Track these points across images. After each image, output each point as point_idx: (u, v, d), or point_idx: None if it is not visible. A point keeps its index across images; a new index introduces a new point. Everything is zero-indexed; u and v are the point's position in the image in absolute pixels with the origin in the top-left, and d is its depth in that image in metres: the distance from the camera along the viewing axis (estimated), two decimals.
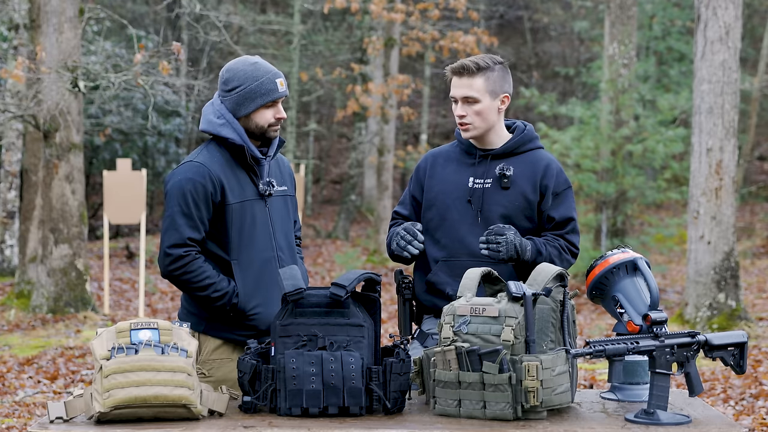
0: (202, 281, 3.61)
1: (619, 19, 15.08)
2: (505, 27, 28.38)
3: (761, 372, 8.29)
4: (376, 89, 17.10)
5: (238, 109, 3.69)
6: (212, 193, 3.63)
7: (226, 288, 3.63)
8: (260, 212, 3.72)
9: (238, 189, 3.68)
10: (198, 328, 3.70)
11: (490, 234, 3.62)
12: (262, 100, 3.67)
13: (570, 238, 3.76)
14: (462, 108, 3.76)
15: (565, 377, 3.15)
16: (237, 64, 3.72)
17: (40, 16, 11.47)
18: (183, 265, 3.61)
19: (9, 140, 14.49)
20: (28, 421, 6.95)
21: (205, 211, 3.63)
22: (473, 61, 3.74)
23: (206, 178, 3.63)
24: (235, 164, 3.70)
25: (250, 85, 3.66)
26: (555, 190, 3.76)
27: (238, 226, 3.67)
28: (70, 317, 11.39)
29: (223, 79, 3.72)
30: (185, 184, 3.63)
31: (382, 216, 18.37)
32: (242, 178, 3.71)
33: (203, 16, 18.37)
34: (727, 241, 10.17)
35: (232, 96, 3.69)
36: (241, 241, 3.68)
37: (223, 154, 3.70)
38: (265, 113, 3.70)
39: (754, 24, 23.79)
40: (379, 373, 3.25)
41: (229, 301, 3.64)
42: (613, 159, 14.03)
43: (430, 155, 3.93)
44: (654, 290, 3.34)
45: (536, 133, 3.87)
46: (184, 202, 3.62)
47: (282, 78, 3.72)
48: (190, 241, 3.62)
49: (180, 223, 3.61)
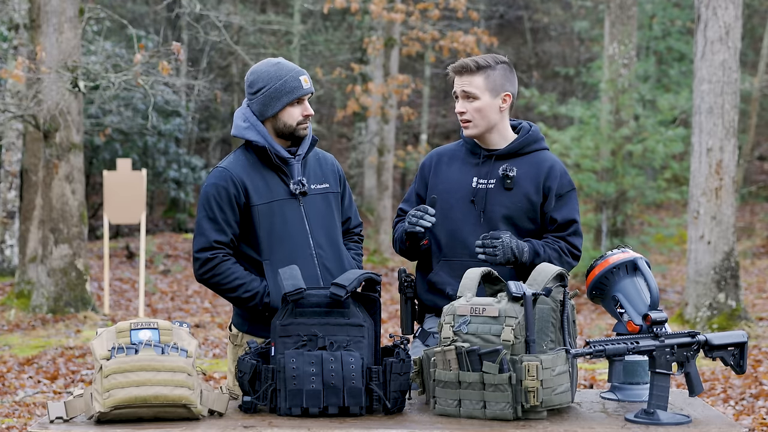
0: (231, 282, 3.65)
1: (619, 19, 15.08)
2: (505, 27, 28.37)
3: (761, 372, 8.29)
4: (376, 89, 17.10)
5: (265, 110, 3.72)
6: (236, 195, 3.68)
7: (257, 288, 3.66)
8: (293, 211, 3.73)
9: (265, 190, 3.71)
10: (242, 329, 3.76)
11: (486, 238, 3.61)
12: (287, 98, 3.70)
13: (572, 240, 3.75)
14: (462, 105, 3.77)
15: (565, 377, 3.15)
16: (260, 66, 3.76)
17: (40, 16, 11.47)
18: (212, 268, 3.66)
19: (9, 140, 14.49)
20: (28, 421, 6.95)
21: (231, 214, 3.68)
22: (474, 59, 3.75)
23: (228, 181, 3.68)
24: (262, 166, 3.74)
25: (275, 84, 3.70)
26: (558, 192, 3.75)
27: (267, 226, 3.69)
28: (70, 317, 11.39)
29: (248, 83, 3.76)
30: (209, 190, 3.70)
31: (382, 216, 18.36)
32: (270, 179, 3.73)
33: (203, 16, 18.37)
34: (727, 241, 10.17)
35: (258, 98, 3.73)
36: (272, 241, 3.70)
37: (249, 157, 3.75)
38: (293, 111, 3.73)
39: (754, 24, 23.79)
40: (379, 373, 3.25)
41: (260, 300, 3.66)
42: (613, 159, 14.04)
43: (436, 153, 3.93)
44: (654, 290, 3.34)
45: (541, 135, 3.86)
46: (209, 207, 3.68)
47: (306, 75, 3.75)
48: (217, 244, 3.67)
49: (206, 227, 3.68)
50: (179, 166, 20.71)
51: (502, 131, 3.80)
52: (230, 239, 3.69)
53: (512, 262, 3.61)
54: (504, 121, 3.80)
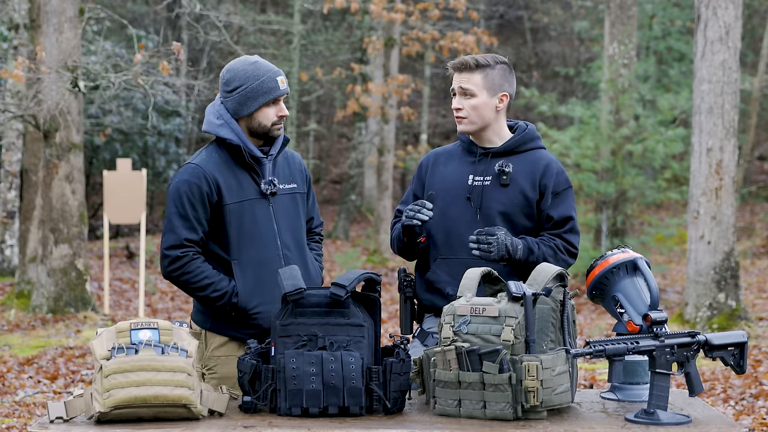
0: (200, 281, 3.64)
1: (619, 19, 15.08)
2: (505, 27, 28.37)
3: (761, 372, 8.29)
4: (376, 89, 17.10)
5: (241, 109, 3.70)
6: (208, 193, 3.66)
7: (225, 287, 3.65)
8: (263, 211, 3.73)
9: (237, 189, 3.69)
10: (205, 326, 3.75)
11: (480, 234, 3.62)
12: (264, 98, 3.68)
13: (568, 238, 3.75)
14: (459, 101, 3.79)
15: (565, 377, 3.15)
16: (237, 64, 3.73)
17: (40, 16, 11.47)
18: (181, 266, 3.64)
19: (9, 140, 14.49)
20: (28, 421, 6.95)
21: (202, 212, 3.66)
22: (474, 57, 3.77)
23: (201, 178, 3.65)
24: (234, 164, 3.72)
25: (252, 84, 3.68)
26: (555, 190, 3.76)
27: (237, 225, 3.68)
28: (70, 317, 11.39)
29: (224, 80, 3.74)
30: (181, 186, 3.66)
31: (382, 216, 18.36)
32: (242, 177, 3.72)
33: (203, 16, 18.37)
34: (727, 241, 10.17)
35: (234, 96, 3.70)
36: (242, 240, 3.69)
37: (222, 155, 3.72)
38: (268, 112, 3.71)
39: (754, 24, 23.78)
40: (379, 373, 3.25)
41: (228, 300, 3.65)
42: (613, 159, 14.03)
43: (433, 154, 3.95)
44: (654, 290, 3.34)
45: (538, 134, 3.88)
46: (180, 204, 3.65)
47: (282, 76, 3.74)
48: (187, 242, 3.64)
49: (177, 224, 3.65)
50: (179, 166, 20.67)
51: (497, 130, 3.81)
52: (200, 237, 3.67)
53: (506, 258, 3.61)
54: (500, 121, 3.81)
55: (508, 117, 3.90)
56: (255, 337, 3.65)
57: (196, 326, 3.78)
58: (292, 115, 22.13)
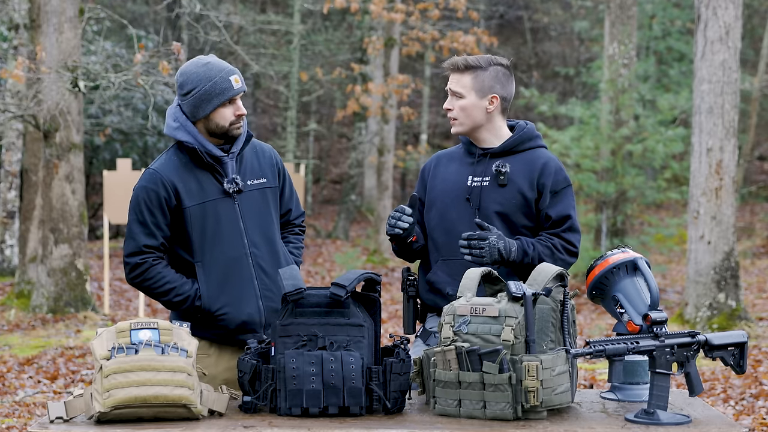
0: (162, 286, 3.65)
1: (619, 19, 15.08)
2: (505, 27, 28.37)
3: (761, 372, 8.29)
4: (376, 89, 17.10)
5: (197, 112, 3.67)
6: (166, 198, 3.65)
7: (188, 291, 3.65)
8: (227, 211, 3.70)
9: (198, 191, 3.67)
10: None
11: (472, 239, 3.61)
12: (218, 99, 3.64)
13: (567, 237, 3.74)
14: (449, 102, 3.82)
15: (565, 377, 3.15)
16: (189, 66, 3.69)
17: (40, 16, 11.47)
18: (141, 273, 3.65)
19: (9, 140, 14.49)
20: (28, 421, 6.95)
21: (161, 217, 3.66)
22: (465, 58, 3.78)
23: (158, 184, 3.65)
24: (195, 166, 3.70)
25: (205, 86, 3.64)
26: (553, 189, 3.76)
27: (199, 227, 3.67)
28: (70, 317, 11.39)
29: (178, 84, 3.70)
30: (139, 193, 3.68)
31: (382, 216, 18.36)
32: (204, 179, 3.69)
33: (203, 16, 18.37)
34: (727, 241, 10.17)
35: (188, 99, 3.67)
36: (204, 242, 3.67)
37: (182, 157, 3.71)
38: (224, 112, 3.67)
39: (754, 24, 23.79)
40: (379, 373, 3.25)
41: (192, 303, 3.66)
42: (613, 159, 14.03)
43: (436, 156, 3.97)
44: (654, 290, 3.34)
45: (537, 133, 3.87)
46: (138, 211, 3.67)
47: (237, 75, 3.69)
48: (146, 248, 3.65)
49: (135, 231, 3.66)
50: None
51: (493, 131, 3.82)
52: (160, 243, 3.67)
53: (498, 262, 3.61)
54: (494, 122, 3.81)
55: (508, 117, 3.90)
56: (223, 337, 3.67)
57: None
58: (292, 115, 22.13)
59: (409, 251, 3.86)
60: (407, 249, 3.84)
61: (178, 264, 3.71)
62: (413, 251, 3.86)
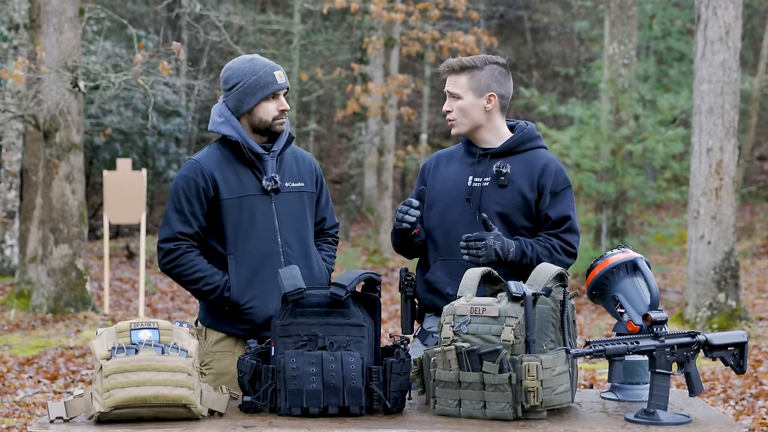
0: (192, 274, 3.68)
1: (619, 19, 15.08)
2: (505, 27, 28.37)
3: (761, 372, 8.29)
4: (376, 89, 17.10)
5: (240, 106, 3.73)
6: (204, 188, 3.69)
7: (218, 282, 3.68)
8: (263, 208, 3.74)
9: (237, 185, 3.72)
10: (205, 323, 3.79)
11: (469, 240, 3.62)
12: (262, 93, 3.71)
13: (566, 238, 3.74)
14: (448, 103, 3.82)
15: (565, 377, 3.15)
16: (235, 62, 3.78)
17: (40, 16, 11.47)
18: (174, 259, 3.68)
19: (9, 140, 14.49)
20: (28, 421, 6.95)
21: (198, 206, 3.70)
22: (460, 59, 3.79)
23: (198, 173, 3.70)
24: (236, 161, 3.74)
25: (249, 79, 3.71)
26: (553, 190, 3.75)
27: (234, 221, 3.70)
28: (70, 317, 11.39)
29: (223, 79, 3.78)
30: (179, 182, 3.72)
31: (382, 216, 18.37)
32: (243, 174, 3.74)
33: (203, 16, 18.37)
34: (727, 241, 10.17)
35: (233, 93, 3.74)
36: (238, 236, 3.71)
37: (224, 152, 3.76)
38: (268, 106, 3.73)
39: (754, 24, 23.78)
40: (379, 373, 3.25)
41: (220, 294, 3.68)
42: (613, 159, 14.04)
43: (436, 155, 3.97)
44: (654, 290, 3.34)
45: (538, 133, 3.87)
46: (176, 199, 3.71)
47: (281, 71, 3.76)
48: (181, 236, 3.69)
49: (172, 218, 3.70)
50: (179, 166, 20.66)
51: (493, 130, 3.81)
52: (195, 231, 3.70)
53: (495, 262, 3.61)
54: (494, 121, 3.81)
55: (508, 117, 3.90)
56: (249, 332, 3.68)
57: (200, 324, 3.82)
58: (293, 115, 22.12)
59: (410, 245, 3.86)
60: (409, 243, 3.84)
61: (210, 255, 3.74)
62: (414, 246, 3.86)
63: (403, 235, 3.80)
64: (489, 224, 3.64)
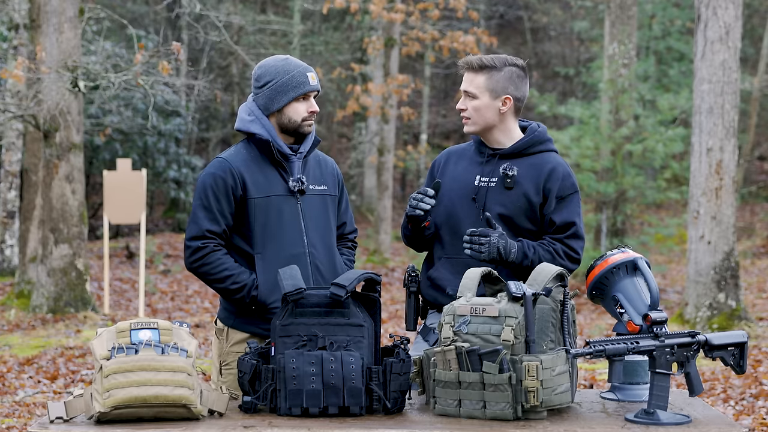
0: (220, 273, 3.65)
1: (619, 19, 15.08)
2: (505, 27, 28.38)
3: (761, 372, 8.29)
4: (376, 89, 17.10)
5: (271, 104, 3.73)
6: (233, 186, 3.68)
7: (245, 280, 3.66)
8: (289, 208, 3.73)
9: (264, 184, 3.71)
10: (228, 323, 3.76)
11: (474, 234, 3.62)
12: (294, 92, 3.71)
13: (569, 243, 3.72)
14: (463, 101, 3.81)
15: (565, 377, 3.15)
16: (269, 61, 3.78)
17: (40, 16, 11.47)
18: (201, 257, 3.66)
19: (9, 140, 14.48)
20: (28, 421, 6.95)
21: (226, 204, 3.68)
22: (480, 58, 3.77)
23: (227, 172, 3.68)
24: (263, 160, 3.74)
25: (282, 78, 3.71)
26: (559, 194, 3.74)
27: (262, 220, 3.69)
28: (70, 317, 11.39)
29: (255, 77, 3.77)
30: (207, 179, 3.70)
31: (382, 216, 18.36)
32: (270, 174, 3.73)
33: (203, 16, 18.37)
34: (727, 241, 10.17)
35: (264, 91, 3.73)
36: (266, 235, 3.70)
37: (251, 151, 3.75)
38: (298, 107, 3.73)
39: (754, 24, 23.78)
40: (379, 373, 3.25)
41: (248, 293, 3.66)
42: (612, 159, 14.04)
43: (446, 152, 3.97)
44: (654, 290, 3.34)
45: (549, 136, 3.84)
46: (204, 196, 3.68)
47: (313, 72, 3.76)
48: (209, 234, 3.66)
49: (200, 216, 3.68)
50: (179, 166, 20.71)
51: (506, 131, 3.81)
52: (223, 230, 3.69)
53: (496, 260, 3.61)
54: (507, 122, 3.80)
55: (521, 118, 3.89)
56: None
57: (221, 323, 3.79)
58: None
59: (420, 237, 3.85)
60: (420, 234, 3.84)
61: (237, 254, 3.72)
62: (424, 238, 3.85)
63: (413, 225, 3.79)
64: (493, 223, 3.64)
